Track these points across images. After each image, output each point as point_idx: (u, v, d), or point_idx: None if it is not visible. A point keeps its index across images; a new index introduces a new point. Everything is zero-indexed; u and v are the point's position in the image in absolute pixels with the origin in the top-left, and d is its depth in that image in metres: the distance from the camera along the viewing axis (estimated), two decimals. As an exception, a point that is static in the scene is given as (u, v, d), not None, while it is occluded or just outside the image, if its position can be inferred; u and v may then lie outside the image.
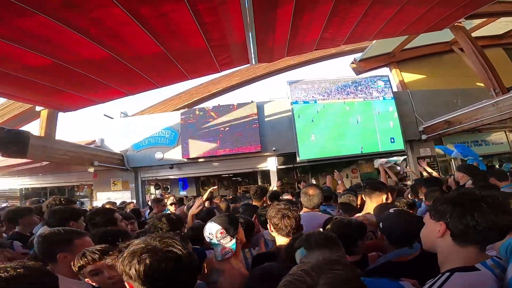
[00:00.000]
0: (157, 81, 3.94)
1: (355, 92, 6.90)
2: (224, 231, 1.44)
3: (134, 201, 6.28)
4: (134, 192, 6.65)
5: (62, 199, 2.62)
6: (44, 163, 5.36)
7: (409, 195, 3.71)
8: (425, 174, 4.71)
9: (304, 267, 0.67)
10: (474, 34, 6.00)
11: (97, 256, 1.22)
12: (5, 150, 3.85)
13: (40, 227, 2.38)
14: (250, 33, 3.35)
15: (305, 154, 6.52)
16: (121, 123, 7.04)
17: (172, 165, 6.68)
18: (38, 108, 4.65)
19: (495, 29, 7.18)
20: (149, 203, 5.38)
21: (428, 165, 5.73)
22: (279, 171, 7.11)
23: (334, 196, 3.54)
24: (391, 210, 1.49)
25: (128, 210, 4.00)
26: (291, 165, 7.07)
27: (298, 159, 6.51)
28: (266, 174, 7.47)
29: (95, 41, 2.65)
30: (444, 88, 7.06)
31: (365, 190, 2.29)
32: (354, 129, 6.63)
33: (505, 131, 7.09)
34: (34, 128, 4.79)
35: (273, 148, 6.71)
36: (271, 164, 7.04)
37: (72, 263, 1.23)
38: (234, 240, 1.46)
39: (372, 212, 2.13)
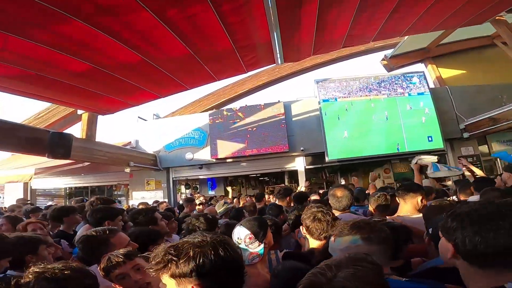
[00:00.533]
0: (187, 83, 4.01)
1: (388, 89, 6.63)
2: (253, 236, 1.41)
3: (166, 200, 6.51)
4: (166, 192, 6.88)
5: (102, 198, 2.75)
6: (86, 163, 5.69)
7: (454, 196, 3.48)
8: (467, 173, 4.37)
9: (329, 262, 0.71)
10: None
11: (122, 260, 1.22)
12: (50, 152, 4.08)
13: (82, 225, 2.52)
14: (275, 33, 3.31)
15: (334, 153, 6.37)
16: (154, 124, 7.33)
17: (201, 165, 6.84)
18: (79, 112, 4.96)
19: None
20: (180, 202, 5.54)
21: (472, 164, 5.36)
22: (307, 171, 7.01)
23: (363, 196, 3.44)
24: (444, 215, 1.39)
25: (161, 209, 4.17)
26: (320, 165, 6.94)
27: (326, 159, 6.38)
28: (293, 174, 7.40)
29: (127, 45, 2.75)
30: (487, 84, 6.57)
31: (399, 192, 2.19)
32: (388, 127, 6.36)
33: (560, 128, 6.43)
34: (76, 130, 5.12)
35: (301, 148, 6.63)
36: (299, 164, 6.96)
37: (98, 268, 1.24)
38: (262, 245, 1.42)
39: (404, 214, 2.05)
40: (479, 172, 4.41)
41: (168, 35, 2.69)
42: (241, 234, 1.43)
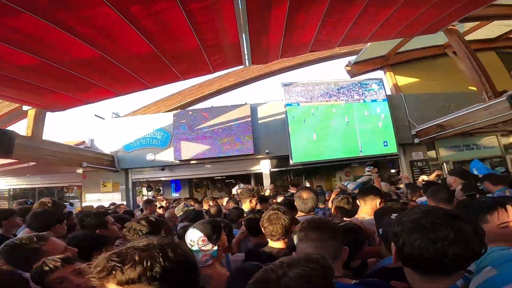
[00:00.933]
0: (149, 81, 3.89)
1: (350, 94, 6.89)
2: (206, 238, 1.43)
3: (125, 202, 6.21)
4: (124, 194, 6.55)
5: (49, 202, 2.62)
6: (31, 163, 5.25)
7: (404, 198, 3.71)
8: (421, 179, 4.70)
9: (285, 259, 0.72)
10: (467, 38, 5.99)
11: (60, 263, 1.15)
12: (-11, 150, 3.74)
13: (23, 229, 2.37)
14: (243, 34, 3.32)
15: (298, 157, 6.48)
16: (112, 123, 6.96)
17: (163, 166, 6.61)
18: (25, 108, 4.58)
19: (488, 32, 7.20)
20: (141, 204, 5.31)
21: (420, 168, 5.73)
22: (272, 174, 7.06)
23: (323, 199, 3.55)
24: (393, 216, 1.43)
25: (120, 212, 3.96)
26: (284, 168, 7.03)
27: (291, 162, 6.47)
28: (259, 177, 7.43)
29: (85, 40, 2.61)
30: (437, 92, 7.08)
31: (359, 194, 2.31)
32: (348, 132, 6.61)
33: (496, 135, 7.09)
34: (21, 128, 4.73)
35: (266, 151, 6.67)
36: (264, 166, 7.00)
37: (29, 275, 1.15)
38: (215, 247, 1.45)
39: (363, 216, 2.15)
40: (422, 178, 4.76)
41: (131, 32, 2.59)
42: (193, 237, 1.44)
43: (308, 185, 7.41)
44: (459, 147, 6.81)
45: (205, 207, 4.69)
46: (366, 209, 2.19)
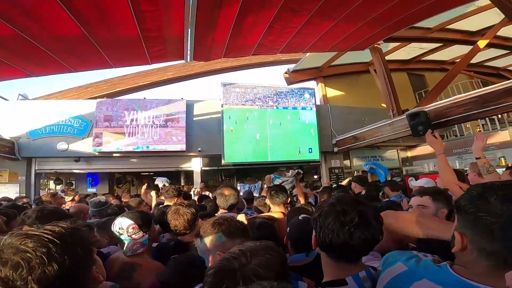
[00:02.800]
0: (72, 65, 3.55)
1: (285, 101, 7.22)
2: (136, 226, 1.43)
3: (24, 195, 5.36)
4: (24, 186, 5.66)
5: None
6: None
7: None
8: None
9: (242, 248, 0.74)
10: (388, 57, 6.66)
11: None
12: None
13: None
14: (189, 29, 3.26)
15: (230, 157, 6.54)
16: (17, 106, 5.98)
17: (78, 157, 5.94)
18: None
19: (404, 54, 8.11)
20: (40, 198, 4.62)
21: (337, 175, 6.34)
22: (203, 173, 6.97)
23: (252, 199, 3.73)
24: (300, 217, 1.50)
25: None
26: (216, 167, 7.01)
27: (223, 162, 6.49)
28: (190, 175, 7.25)
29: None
30: (357, 106, 7.88)
31: (269, 195, 2.43)
32: (279, 137, 6.90)
33: (397, 149, 8.26)
34: None
35: (199, 149, 6.56)
36: (196, 164, 6.87)
37: None
38: (146, 236, 1.46)
39: (274, 215, 2.27)
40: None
41: (61, 13, 2.37)
42: (123, 224, 1.42)
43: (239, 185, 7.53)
44: (368, 158, 7.71)
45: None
46: (274, 209, 2.35)
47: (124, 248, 1.42)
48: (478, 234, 0.65)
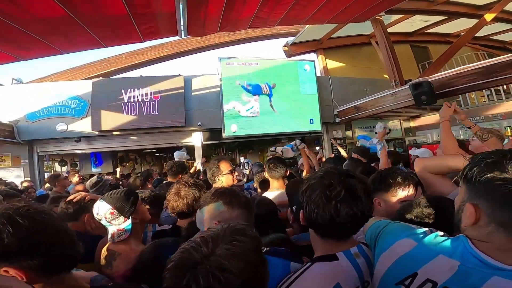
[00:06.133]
0: (60, 46, 3.40)
1: (285, 74, 7.06)
2: (115, 211, 1.25)
3: (29, 179, 5.41)
4: (28, 169, 5.70)
5: None
6: None
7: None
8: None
9: (204, 235, 0.61)
10: (389, 29, 6.46)
11: None
12: None
13: None
14: (181, 4, 3.09)
15: (231, 130, 6.50)
16: (12, 90, 5.85)
17: (79, 138, 5.91)
18: None
19: (408, 26, 7.93)
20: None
21: (339, 145, 6.35)
22: (204, 147, 6.98)
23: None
24: None
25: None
26: (217, 141, 7.01)
27: (223, 135, 6.47)
28: (191, 150, 7.27)
29: None
30: (358, 77, 7.75)
31: (267, 167, 2.29)
32: (279, 109, 6.81)
33: (400, 119, 8.23)
34: None
35: (199, 123, 6.51)
36: (196, 139, 6.85)
37: None
38: (129, 221, 1.27)
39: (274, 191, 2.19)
40: (343, 152, 5.27)
41: None
42: (100, 210, 1.25)
43: (242, 159, 7.55)
44: (370, 128, 7.71)
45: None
46: (273, 183, 2.22)
47: (108, 236, 1.29)
48: (496, 205, 0.59)
